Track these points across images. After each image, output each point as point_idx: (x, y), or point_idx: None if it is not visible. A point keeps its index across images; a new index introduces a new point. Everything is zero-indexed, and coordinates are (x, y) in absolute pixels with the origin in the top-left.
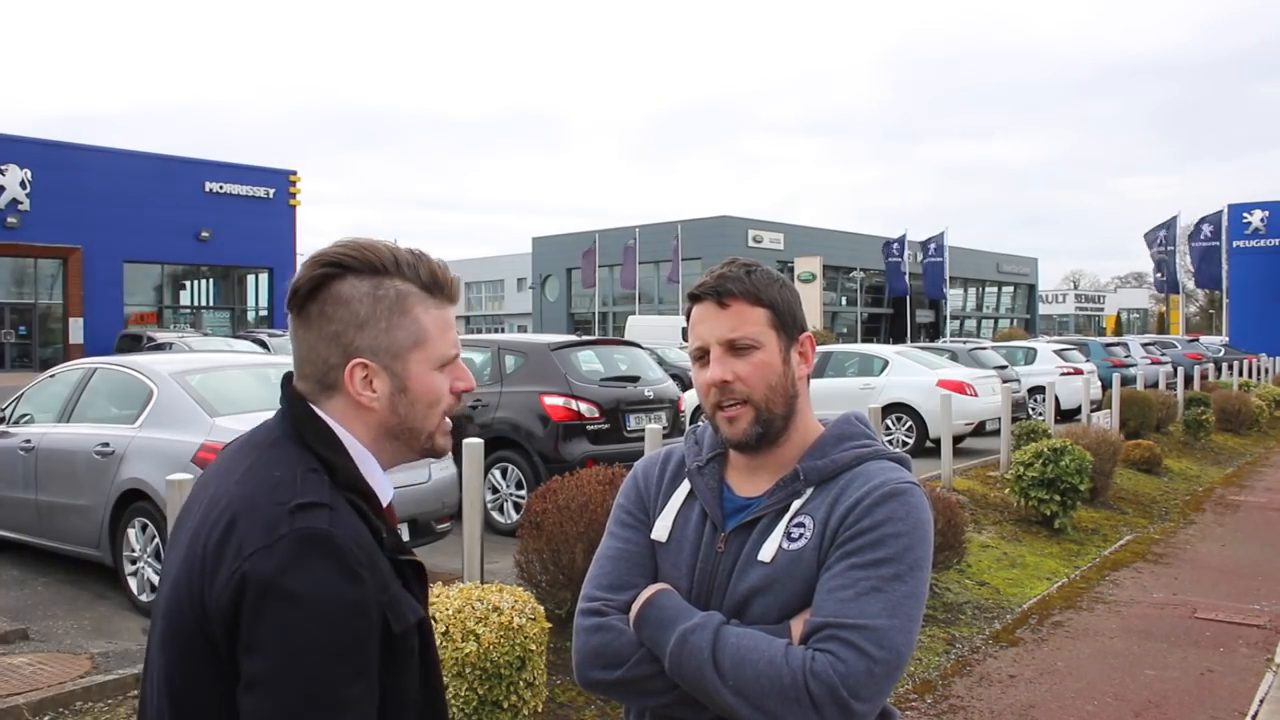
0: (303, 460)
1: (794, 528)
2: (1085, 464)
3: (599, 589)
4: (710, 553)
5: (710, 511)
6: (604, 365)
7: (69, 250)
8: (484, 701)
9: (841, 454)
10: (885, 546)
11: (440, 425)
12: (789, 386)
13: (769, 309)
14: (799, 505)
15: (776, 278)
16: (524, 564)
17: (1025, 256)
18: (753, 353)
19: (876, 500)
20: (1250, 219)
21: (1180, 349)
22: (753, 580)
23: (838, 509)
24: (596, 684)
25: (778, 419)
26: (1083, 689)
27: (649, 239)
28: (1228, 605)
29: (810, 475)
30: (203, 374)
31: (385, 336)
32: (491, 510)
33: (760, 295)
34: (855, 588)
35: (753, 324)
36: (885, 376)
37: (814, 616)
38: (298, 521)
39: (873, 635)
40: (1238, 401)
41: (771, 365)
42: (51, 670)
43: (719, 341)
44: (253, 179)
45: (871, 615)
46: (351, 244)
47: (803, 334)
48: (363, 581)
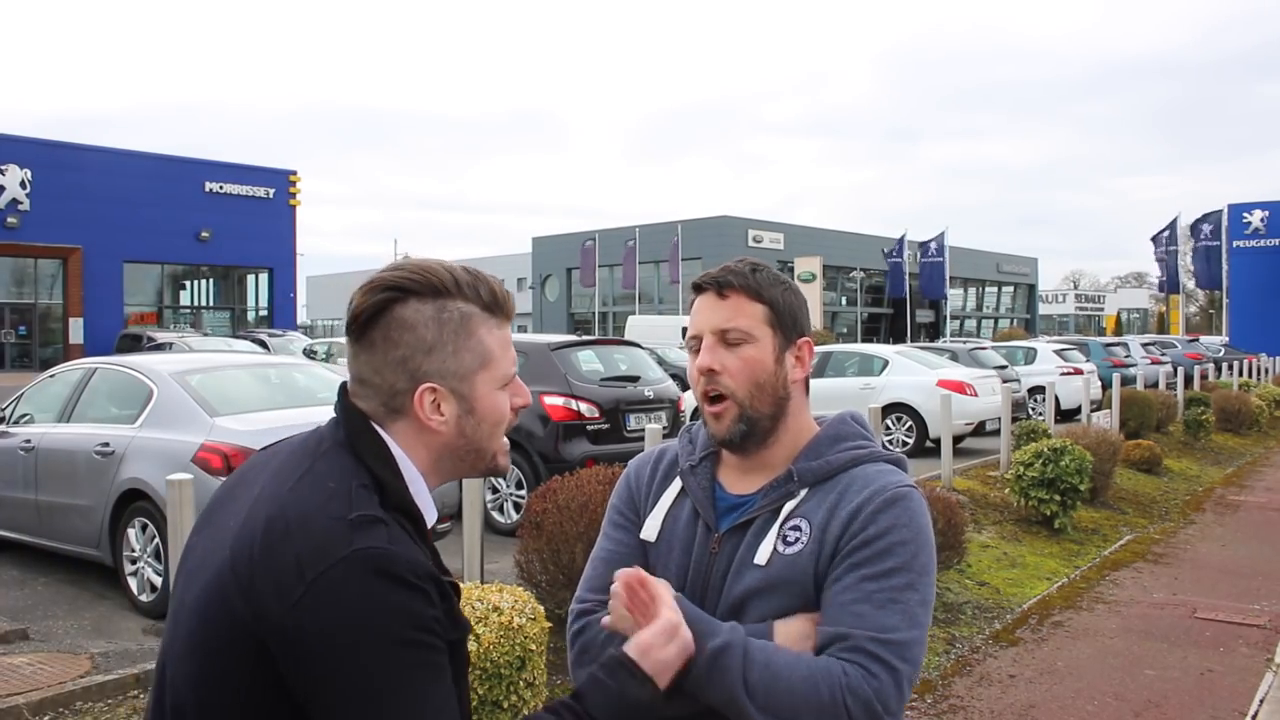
0: (356, 474)
1: (789, 530)
2: (1085, 464)
3: (589, 591)
4: (704, 554)
5: (702, 511)
6: (604, 365)
7: (69, 250)
8: (484, 701)
9: (837, 455)
10: (894, 556)
11: (501, 444)
12: (778, 387)
13: (767, 306)
14: (792, 506)
15: (783, 280)
16: (524, 564)
17: (1025, 256)
18: (743, 346)
19: (879, 507)
20: (1250, 219)
21: (1180, 349)
22: (748, 583)
23: (838, 515)
24: None
25: (763, 419)
26: (1083, 689)
27: (649, 239)
28: (1228, 605)
29: (804, 476)
30: (203, 374)
31: (453, 360)
32: (491, 510)
33: (761, 292)
34: (871, 601)
35: (748, 318)
36: (885, 376)
37: (830, 626)
38: (357, 541)
39: (897, 649)
40: (1238, 401)
41: (761, 362)
42: (51, 670)
43: (712, 330)
44: (253, 179)
45: (892, 628)
46: (411, 266)
47: (801, 338)
48: (428, 596)
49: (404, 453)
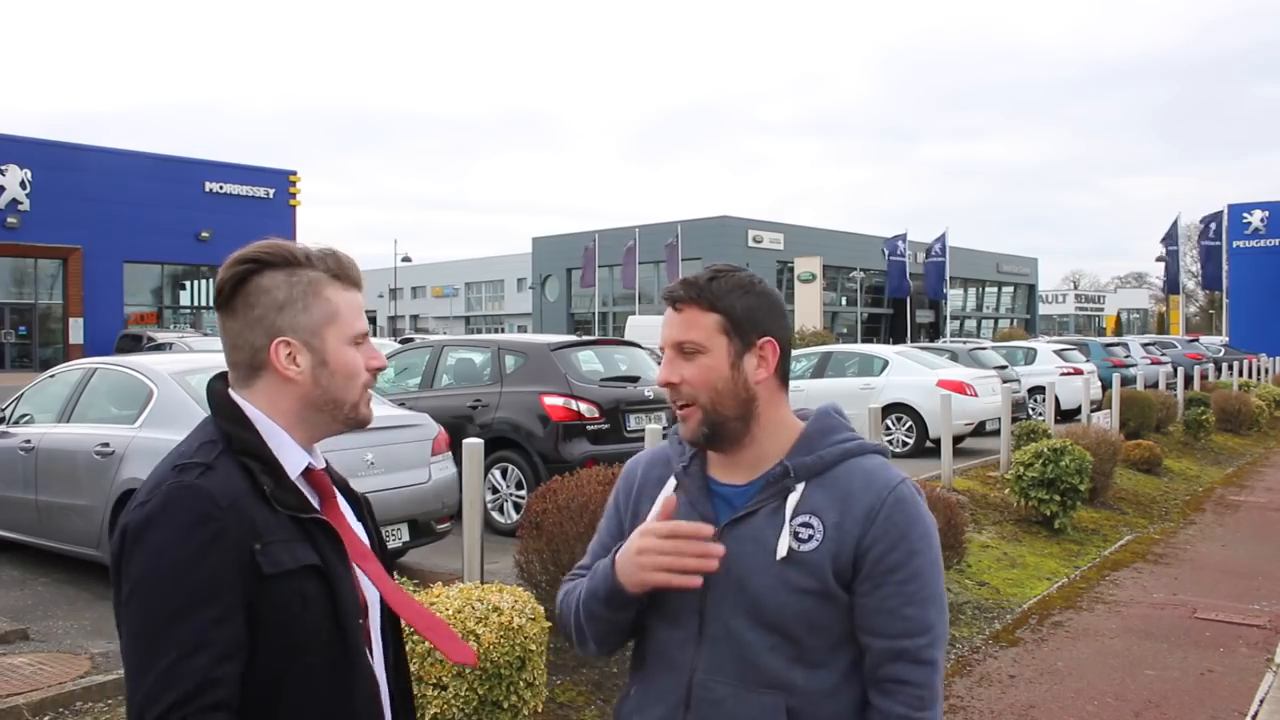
0: (204, 433)
1: (800, 527)
2: (1085, 464)
3: (579, 569)
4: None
5: (700, 506)
6: (604, 365)
7: (69, 250)
8: (484, 702)
9: (828, 449)
10: (919, 556)
11: (363, 396)
12: (739, 390)
13: (721, 315)
14: (796, 501)
15: (744, 284)
16: (524, 564)
17: (1025, 257)
18: (698, 356)
19: (891, 509)
20: (1250, 219)
21: (1180, 349)
22: (768, 578)
23: (852, 514)
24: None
25: (729, 421)
26: (1083, 689)
27: (649, 239)
28: (1228, 605)
29: (799, 471)
30: (203, 374)
31: (304, 315)
32: (491, 510)
33: (715, 302)
34: (914, 603)
35: (700, 329)
36: (885, 376)
37: (881, 640)
38: (171, 478)
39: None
40: (1238, 401)
41: (716, 369)
42: (51, 670)
43: (670, 344)
44: (253, 179)
45: (931, 621)
46: (265, 243)
47: (762, 339)
48: (215, 523)
49: (263, 409)
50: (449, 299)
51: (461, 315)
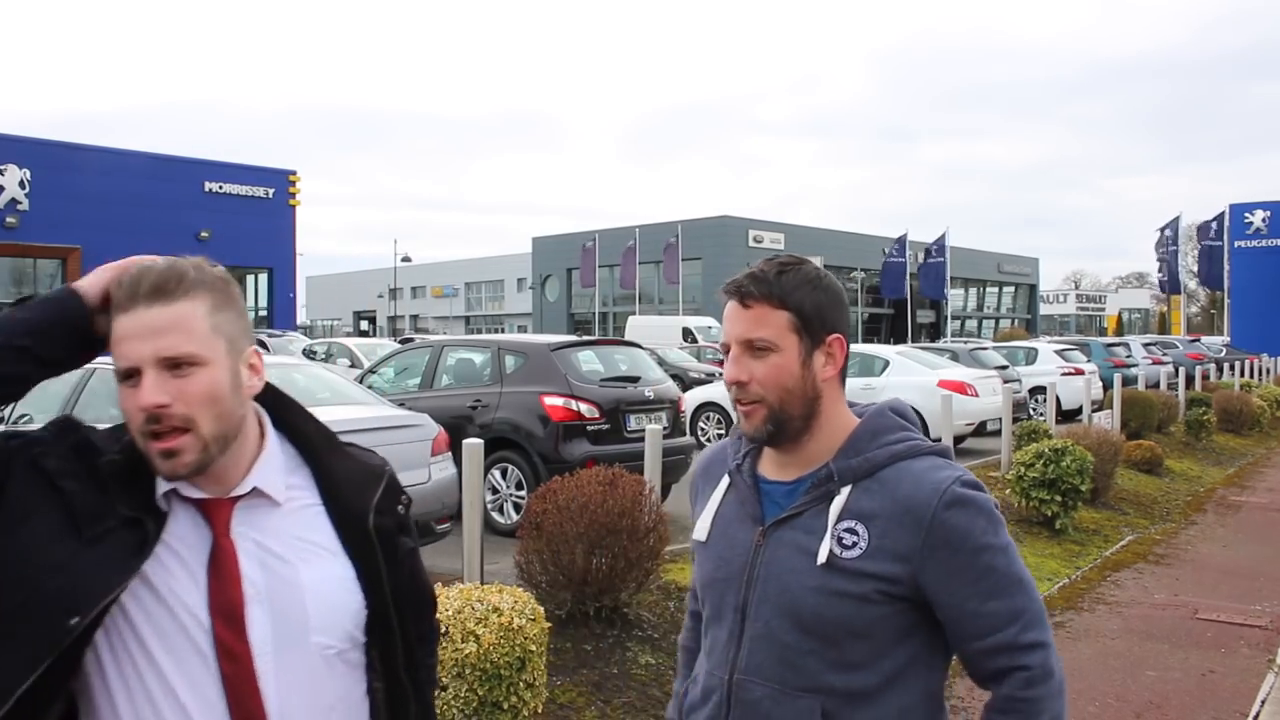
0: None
1: (845, 533)
2: (1086, 464)
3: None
4: (747, 548)
5: (748, 505)
6: (604, 365)
7: (68, 250)
8: (484, 702)
9: (876, 452)
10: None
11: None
12: (807, 389)
13: (792, 312)
14: (840, 505)
15: (811, 278)
16: (524, 564)
17: (1026, 256)
18: (769, 355)
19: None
20: (1252, 219)
21: (1181, 349)
22: (808, 582)
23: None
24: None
25: (794, 419)
26: (1084, 690)
27: (649, 239)
28: (1229, 606)
29: (844, 475)
30: None
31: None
32: (491, 511)
33: (785, 299)
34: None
35: (771, 327)
36: (886, 377)
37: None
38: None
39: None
40: (1239, 402)
41: (787, 368)
42: None
43: (738, 341)
44: (252, 179)
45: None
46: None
47: (831, 336)
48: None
49: None
50: (449, 299)
51: (461, 315)
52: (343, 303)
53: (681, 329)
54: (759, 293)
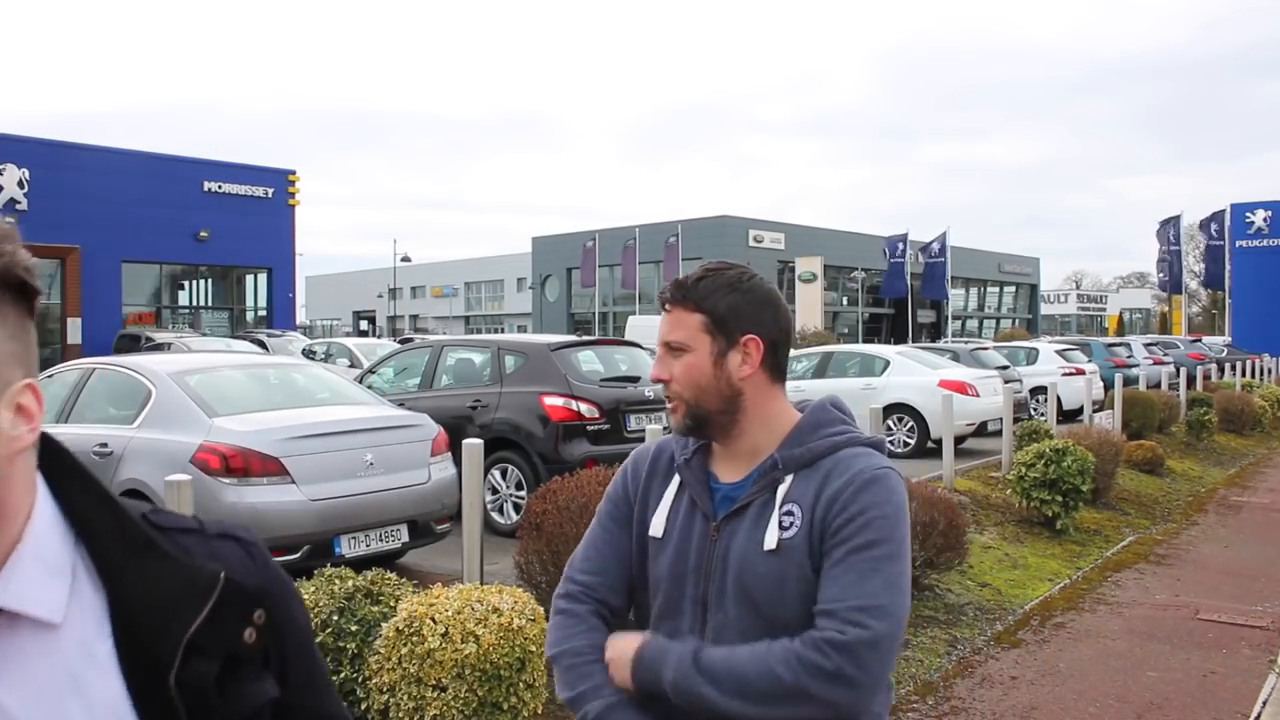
0: None
1: (784, 516)
2: (1087, 465)
3: (579, 571)
4: (704, 541)
5: (700, 501)
6: (604, 365)
7: (67, 250)
8: (484, 703)
9: (818, 442)
10: (872, 529)
11: None
12: (722, 386)
13: (705, 314)
14: (784, 491)
15: (731, 281)
16: (524, 565)
17: (1027, 256)
18: (683, 355)
19: (859, 487)
20: (1253, 219)
21: (1183, 349)
22: (759, 569)
23: (822, 497)
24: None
25: (712, 414)
26: (1084, 690)
27: (649, 239)
28: (1230, 607)
29: (787, 463)
30: (201, 374)
31: None
32: (491, 511)
33: (700, 302)
34: (856, 570)
35: (684, 328)
36: (886, 377)
37: (819, 605)
38: None
39: (874, 610)
40: (1240, 402)
41: (698, 367)
42: None
43: (660, 342)
44: (252, 179)
45: (872, 594)
46: None
47: (745, 336)
48: None
49: None
50: (449, 299)
51: (461, 315)
52: (342, 303)
53: None
54: (675, 297)
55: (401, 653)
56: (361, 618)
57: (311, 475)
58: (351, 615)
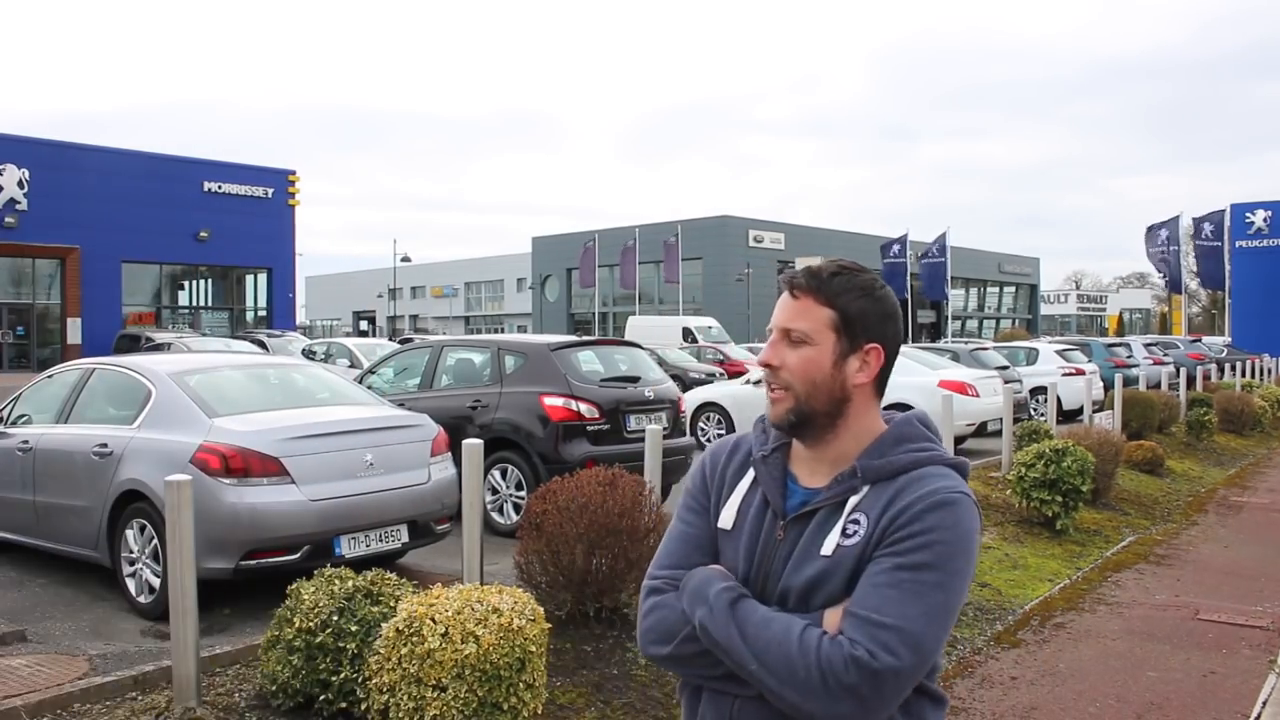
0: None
1: (850, 524)
2: (1087, 465)
3: (659, 568)
4: (770, 539)
5: (772, 499)
6: (604, 366)
7: (67, 250)
8: (484, 703)
9: (899, 456)
10: (929, 551)
11: None
12: (835, 389)
13: (835, 311)
14: (855, 501)
15: (864, 285)
16: (524, 565)
17: (1027, 256)
18: (803, 347)
19: (928, 507)
20: (1253, 219)
21: (1183, 349)
22: (811, 572)
23: (890, 510)
24: (654, 657)
25: (818, 415)
26: (1084, 690)
27: (649, 239)
28: (1230, 607)
29: (867, 473)
30: (201, 374)
31: None
32: (491, 511)
33: (833, 298)
34: (899, 588)
35: (812, 320)
36: None
37: (853, 607)
38: None
39: (908, 638)
40: (1240, 402)
41: (818, 363)
42: (49, 672)
43: (778, 327)
44: (251, 179)
45: (910, 618)
46: None
47: (870, 344)
48: None
49: None
50: (448, 299)
51: (461, 315)
52: (342, 303)
53: (681, 329)
54: (809, 286)
55: (401, 653)
56: (361, 618)
57: (311, 475)
58: (351, 615)
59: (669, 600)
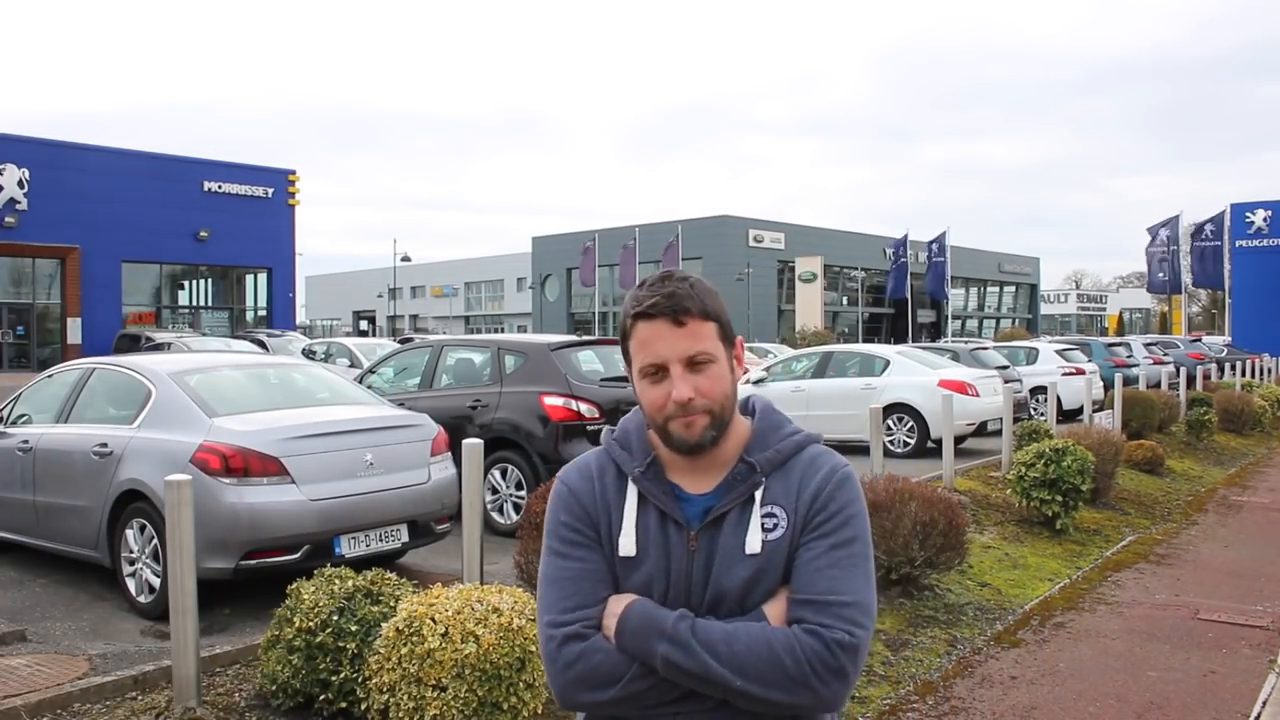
0: None
1: (766, 518)
2: (1087, 464)
3: (565, 612)
4: (683, 553)
5: (671, 513)
6: (604, 365)
7: (67, 250)
8: (483, 703)
9: (784, 443)
10: (851, 526)
11: None
12: (734, 392)
13: (715, 322)
14: (761, 495)
15: (710, 288)
16: (524, 565)
17: (1027, 256)
18: (709, 366)
19: (835, 485)
20: (1253, 219)
21: (1183, 349)
22: (745, 572)
23: (803, 495)
24: (586, 705)
25: (727, 422)
26: (1085, 690)
27: (649, 239)
28: (1230, 606)
29: (765, 466)
30: (201, 374)
31: None
32: (491, 511)
33: (708, 310)
34: (839, 566)
35: (706, 339)
36: (886, 376)
37: (804, 594)
38: None
39: (865, 608)
40: (1240, 402)
41: (725, 376)
42: (49, 672)
43: (679, 359)
44: (251, 178)
45: (859, 590)
46: None
47: (736, 339)
48: None
49: None
50: (448, 299)
51: (461, 315)
52: (342, 303)
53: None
54: (692, 309)
55: (401, 653)
56: (361, 618)
57: (311, 475)
58: (351, 615)
59: (598, 644)
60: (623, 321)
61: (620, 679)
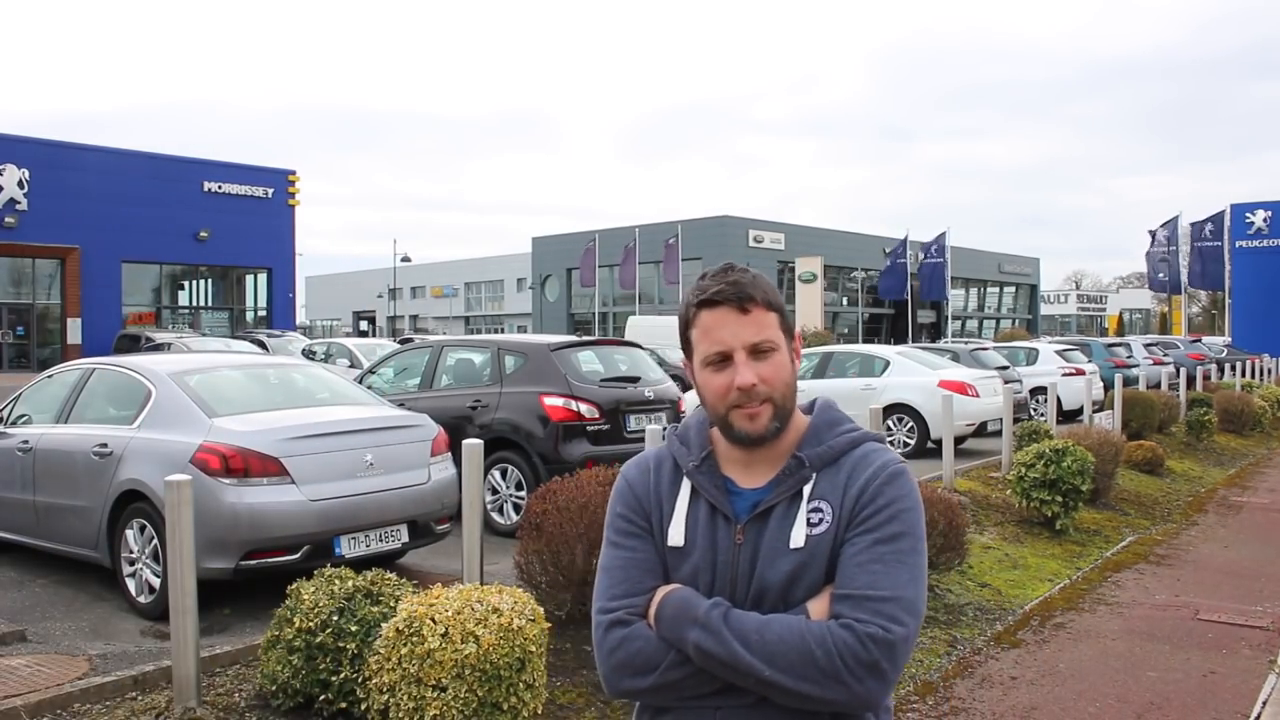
0: None
1: (812, 513)
2: (1087, 465)
3: (613, 599)
4: (729, 545)
5: (720, 506)
6: (604, 366)
7: (67, 250)
8: (483, 703)
9: (837, 439)
10: (899, 521)
11: None
12: (794, 382)
13: (778, 313)
14: (809, 490)
15: (769, 282)
16: (524, 565)
17: (1027, 256)
18: (772, 355)
19: (885, 480)
20: (1253, 219)
21: (1183, 349)
22: (789, 566)
23: (850, 491)
24: (629, 692)
25: (790, 413)
26: (1084, 690)
27: (649, 239)
28: (1230, 607)
29: (815, 461)
30: (201, 374)
31: None
32: (491, 511)
33: (771, 300)
34: (883, 561)
35: (770, 328)
36: (886, 377)
37: (843, 589)
38: None
39: (907, 604)
40: (1240, 402)
41: (787, 365)
42: (49, 672)
43: (744, 346)
44: (251, 179)
45: (902, 586)
46: None
47: (796, 332)
48: None
49: None
50: (448, 299)
51: (461, 315)
52: (342, 303)
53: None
54: (757, 297)
55: (401, 653)
56: (361, 618)
57: (311, 475)
58: (351, 615)
59: (640, 630)
60: (684, 312)
61: (658, 666)
